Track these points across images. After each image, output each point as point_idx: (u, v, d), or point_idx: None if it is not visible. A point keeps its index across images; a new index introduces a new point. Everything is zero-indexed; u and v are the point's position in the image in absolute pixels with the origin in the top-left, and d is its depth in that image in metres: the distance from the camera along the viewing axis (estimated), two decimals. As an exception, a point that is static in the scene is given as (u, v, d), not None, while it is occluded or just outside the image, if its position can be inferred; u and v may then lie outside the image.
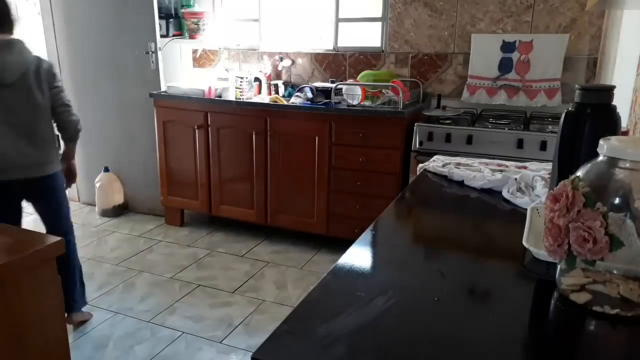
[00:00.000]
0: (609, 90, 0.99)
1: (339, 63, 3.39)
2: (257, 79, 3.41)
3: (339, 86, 2.96)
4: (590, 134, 0.95)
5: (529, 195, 1.28)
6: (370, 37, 3.31)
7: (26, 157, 2.03)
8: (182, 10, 3.51)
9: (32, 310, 1.15)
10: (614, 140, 0.75)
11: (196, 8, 3.54)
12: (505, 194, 1.32)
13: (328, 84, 3.15)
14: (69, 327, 2.20)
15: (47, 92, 2.06)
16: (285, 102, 3.06)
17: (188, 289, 2.62)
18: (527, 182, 1.36)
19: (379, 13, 3.24)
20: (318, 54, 3.44)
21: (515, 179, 1.36)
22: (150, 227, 3.45)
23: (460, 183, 1.46)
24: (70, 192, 3.97)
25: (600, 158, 0.76)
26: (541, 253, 0.86)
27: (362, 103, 2.86)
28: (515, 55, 2.87)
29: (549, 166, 1.43)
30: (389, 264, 0.99)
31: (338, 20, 3.39)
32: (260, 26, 3.60)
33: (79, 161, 3.85)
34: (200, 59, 3.82)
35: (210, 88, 3.15)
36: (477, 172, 1.47)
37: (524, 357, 0.70)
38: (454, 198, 1.41)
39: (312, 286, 0.83)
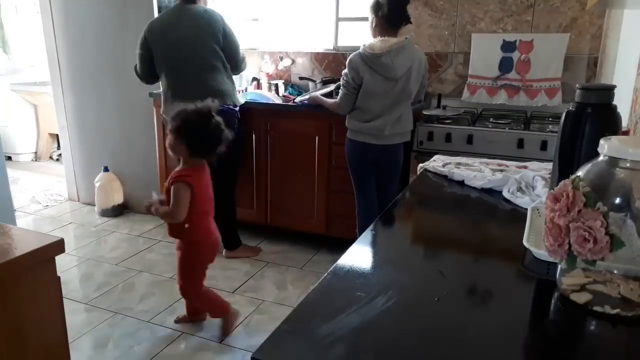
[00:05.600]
0: (609, 90, 0.99)
1: (339, 62, 3.38)
2: (255, 79, 3.42)
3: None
4: (591, 134, 0.95)
5: (529, 195, 1.28)
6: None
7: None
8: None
9: (32, 310, 1.15)
10: (614, 140, 0.75)
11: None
12: (505, 193, 1.32)
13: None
14: (69, 325, 2.20)
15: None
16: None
17: (188, 289, 2.62)
18: (528, 181, 1.36)
19: (379, 13, 3.23)
20: (318, 53, 3.44)
21: (516, 178, 1.36)
22: (150, 227, 3.44)
23: (461, 183, 1.46)
24: (70, 192, 3.98)
25: (601, 158, 0.76)
26: (542, 253, 0.86)
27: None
28: (515, 55, 2.87)
29: (549, 166, 1.43)
30: (389, 263, 0.99)
31: (338, 19, 3.39)
32: (260, 26, 3.60)
33: (78, 161, 3.87)
34: (200, 59, 3.81)
35: (210, 88, 3.15)
36: (477, 171, 1.47)
37: (525, 356, 0.70)
38: (454, 198, 1.41)
39: (312, 286, 0.83)
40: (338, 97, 2.49)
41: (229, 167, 2.85)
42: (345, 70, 2.41)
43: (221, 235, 2.96)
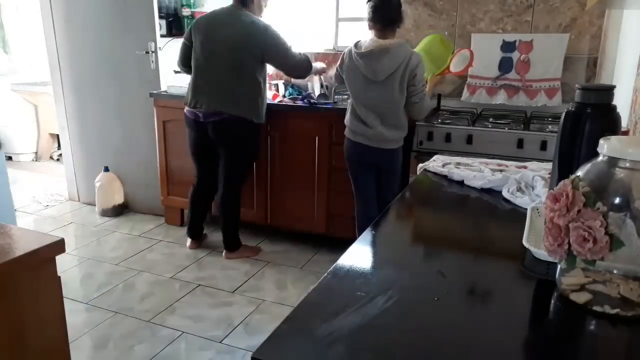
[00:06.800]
0: (609, 90, 0.99)
1: (339, 63, 3.38)
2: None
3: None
4: (591, 134, 0.95)
5: (529, 195, 1.28)
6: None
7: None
8: (183, 9, 3.51)
9: (32, 311, 1.15)
10: (614, 140, 0.75)
11: (196, 7, 3.54)
12: (505, 193, 1.32)
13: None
14: (69, 325, 2.21)
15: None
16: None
17: (188, 289, 2.62)
18: (527, 181, 1.36)
19: (379, 13, 3.23)
20: (318, 53, 3.44)
21: (515, 178, 1.36)
22: (150, 227, 3.45)
23: (460, 183, 1.46)
24: (70, 192, 3.98)
25: (601, 158, 0.76)
26: (541, 253, 0.86)
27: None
28: (515, 55, 2.86)
29: (549, 166, 1.43)
30: (389, 263, 0.99)
31: (338, 20, 3.39)
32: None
33: (78, 161, 3.87)
34: (200, 59, 3.81)
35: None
36: (477, 171, 1.47)
37: (524, 356, 0.70)
38: (454, 198, 1.41)
39: (312, 286, 0.83)
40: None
41: (240, 169, 2.85)
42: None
43: (223, 236, 2.97)
